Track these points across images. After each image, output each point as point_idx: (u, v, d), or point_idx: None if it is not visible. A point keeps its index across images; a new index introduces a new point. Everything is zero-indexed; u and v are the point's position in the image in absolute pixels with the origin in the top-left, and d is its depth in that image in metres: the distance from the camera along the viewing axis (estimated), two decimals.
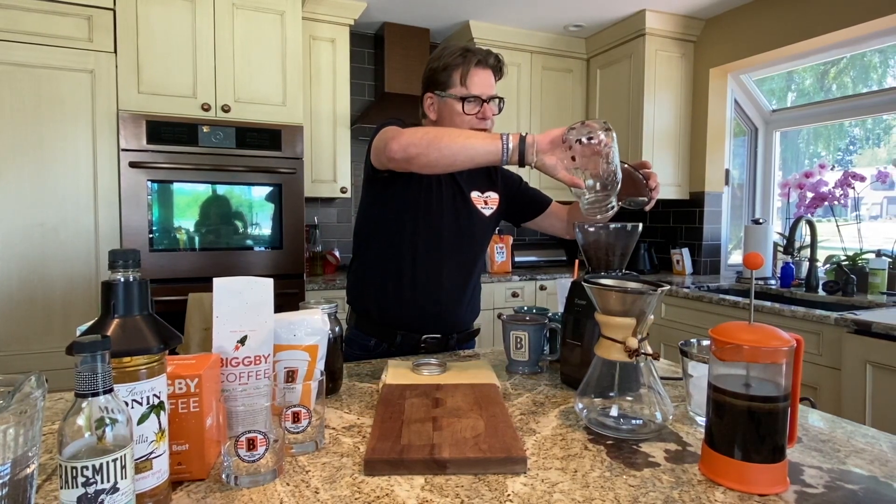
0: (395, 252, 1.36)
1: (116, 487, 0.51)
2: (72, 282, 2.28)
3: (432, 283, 1.36)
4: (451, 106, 1.32)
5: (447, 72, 1.31)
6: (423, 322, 1.38)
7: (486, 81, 1.32)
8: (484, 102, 1.31)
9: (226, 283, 0.78)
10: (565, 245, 3.87)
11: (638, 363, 0.83)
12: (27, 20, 2.17)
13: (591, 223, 1.06)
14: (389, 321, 1.38)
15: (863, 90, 2.84)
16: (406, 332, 1.37)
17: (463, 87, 1.30)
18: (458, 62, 1.30)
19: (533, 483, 0.68)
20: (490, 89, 1.32)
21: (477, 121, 1.31)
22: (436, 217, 1.36)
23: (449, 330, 1.41)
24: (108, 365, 0.51)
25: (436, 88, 1.34)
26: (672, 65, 3.26)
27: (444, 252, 1.37)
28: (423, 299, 1.36)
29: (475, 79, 1.30)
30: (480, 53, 1.31)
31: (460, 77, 1.30)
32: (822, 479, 0.70)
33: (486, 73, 1.32)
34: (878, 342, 1.87)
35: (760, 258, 0.70)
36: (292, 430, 0.75)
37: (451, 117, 1.32)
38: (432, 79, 1.34)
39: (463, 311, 1.44)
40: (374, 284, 1.40)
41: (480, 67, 1.31)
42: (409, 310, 1.37)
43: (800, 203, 2.94)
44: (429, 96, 1.36)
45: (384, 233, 1.37)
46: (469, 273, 1.43)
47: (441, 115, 1.35)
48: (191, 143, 2.39)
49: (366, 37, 3.44)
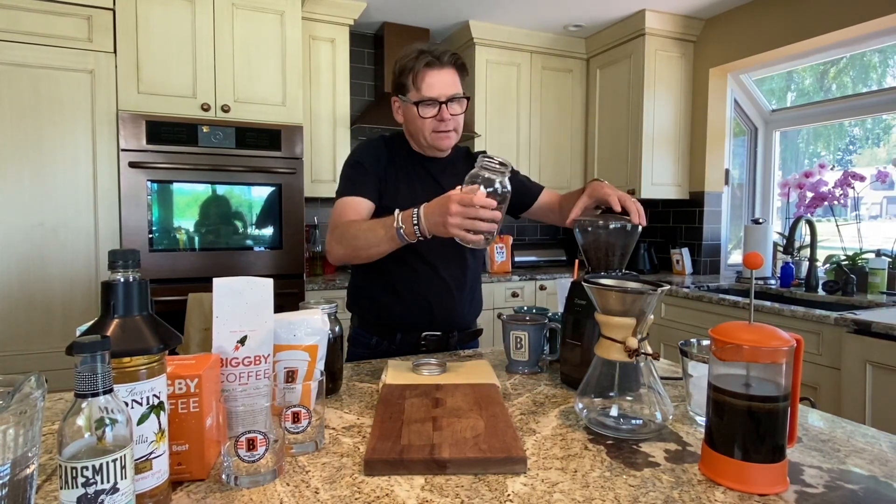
0: (388, 255, 1.37)
1: (116, 488, 0.51)
2: (71, 282, 2.28)
3: (423, 281, 1.36)
4: (410, 110, 1.29)
5: (404, 75, 1.27)
6: (421, 320, 1.38)
7: (442, 81, 1.25)
8: (442, 104, 1.26)
9: (226, 283, 0.78)
10: (565, 245, 3.87)
11: (638, 363, 0.83)
12: (27, 20, 2.17)
13: (588, 224, 1.06)
14: (388, 320, 1.38)
15: (862, 90, 2.84)
16: (405, 330, 1.38)
17: (418, 91, 1.25)
18: (410, 65, 1.25)
19: (533, 483, 0.68)
20: (447, 89, 1.26)
21: (436, 123, 1.27)
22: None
23: (448, 328, 1.40)
24: (107, 365, 0.51)
25: (398, 92, 1.31)
26: (672, 65, 3.26)
27: (433, 250, 1.36)
28: (417, 297, 1.37)
29: (428, 80, 1.24)
30: (433, 53, 1.25)
31: (412, 80, 1.25)
32: (822, 478, 0.70)
33: (440, 73, 1.25)
34: (878, 342, 1.87)
35: (760, 258, 0.70)
36: (292, 430, 0.75)
37: (413, 122, 1.30)
38: (395, 82, 1.30)
39: (461, 309, 1.43)
40: (371, 284, 1.40)
41: (432, 68, 1.24)
42: (406, 309, 1.37)
43: (799, 203, 2.95)
44: (394, 100, 1.34)
45: None
46: (462, 271, 1.42)
47: (405, 119, 1.33)
48: (190, 143, 2.39)
49: (365, 37, 3.44)
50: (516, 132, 3.47)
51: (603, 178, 1.88)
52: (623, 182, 3.32)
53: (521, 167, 3.49)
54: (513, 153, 3.47)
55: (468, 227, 0.99)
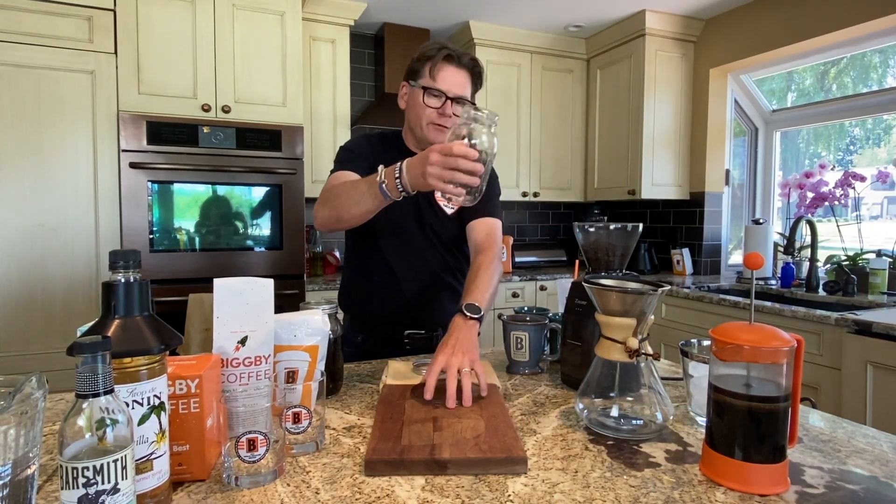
0: (366, 251, 1.40)
1: (117, 488, 0.51)
2: (72, 282, 2.28)
3: (404, 279, 1.38)
4: (415, 96, 1.32)
5: (421, 62, 1.30)
6: (403, 317, 1.40)
7: (455, 79, 1.29)
8: (448, 99, 1.28)
9: (226, 283, 0.78)
10: (565, 245, 3.87)
11: (638, 363, 0.83)
12: (27, 21, 2.17)
13: (590, 223, 1.06)
14: (371, 317, 1.41)
15: (863, 90, 2.84)
16: (388, 327, 1.40)
17: (430, 79, 1.29)
18: (430, 53, 1.29)
19: (533, 483, 0.68)
20: (458, 88, 1.29)
21: (437, 115, 1.29)
22: (399, 215, 1.35)
23: (433, 326, 1.41)
24: (108, 366, 0.51)
25: (410, 78, 1.34)
26: (672, 65, 3.26)
27: (411, 249, 1.38)
28: (396, 295, 1.39)
29: (443, 73, 1.28)
30: (456, 51, 1.29)
31: (429, 68, 1.29)
32: (823, 479, 0.70)
33: (456, 70, 1.29)
34: (879, 342, 1.87)
35: (761, 258, 0.70)
36: (293, 430, 0.75)
37: (415, 108, 1.32)
38: (409, 68, 1.34)
39: (444, 307, 1.41)
40: (354, 282, 1.44)
41: (451, 63, 1.28)
42: (386, 306, 1.39)
43: (800, 203, 2.94)
44: (403, 85, 1.37)
45: (357, 233, 1.39)
46: (442, 268, 1.41)
47: (408, 106, 1.36)
48: (191, 144, 2.39)
49: (366, 37, 3.44)
50: (516, 133, 3.47)
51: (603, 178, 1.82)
52: (623, 182, 3.32)
53: (522, 167, 3.50)
54: (513, 154, 3.47)
55: (447, 178, 0.94)
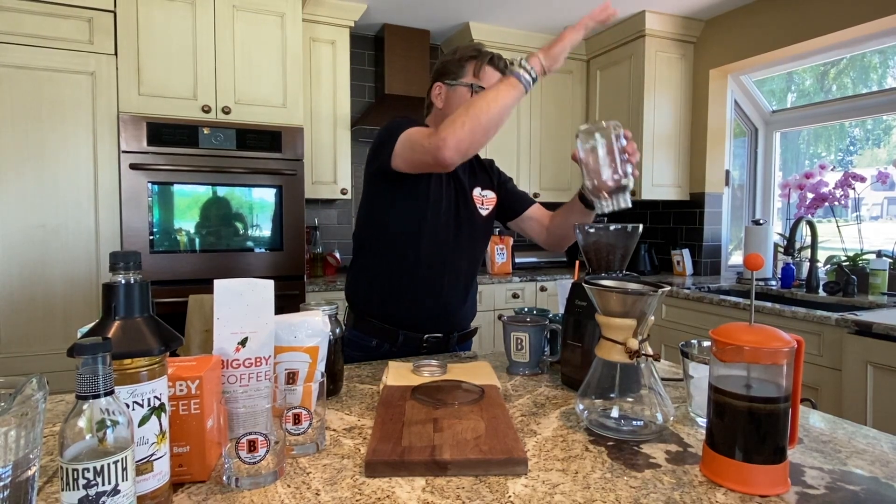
0: (399, 252, 1.37)
1: (117, 489, 0.51)
2: (72, 283, 2.28)
3: (435, 282, 1.37)
4: (460, 94, 1.37)
5: (460, 63, 1.38)
6: (426, 322, 1.38)
7: (496, 79, 1.36)
8: None
9: (226, 284, 0.78)
10: None
11: (638, 364, 0.83)
12: (28, 22, 2.18)
13: (590, 224, 1.06)
14: (392, 321, 1.38)
15: (863, 91, 2.84)
16: (408, 331, 1.37)
17: (475, 78, 1.37)
18: (473, 55, 1.38)
19: (534, 484, 0.68)
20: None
21: None
22: (440, 217, 1.37)
23: (450, 329, 1.41)
24: (108, 367, 0.51)
25: (446, 78, 1.39)
26: (672, 66, 3.26)
27: (447, 252, 1.38)
28: (426, 299, 1.37)
29: (489, 74, 1.37)
30: (494, 55, 1.40)
31: (474, 69, 1.37)
32: (824, 480, 0.70)
33: (494, 72, 1.38)
34: (879, 343, 1.87)
35: (761, 259, 0.70)
36: (293, 431, 0.75)
37: (460, 104, 1.35)
38: (443, 70, 1.40)
39: (464, 311, 1.46)
40: (376, 285, 1.40)
41: (493, 66, 1.38)
42: (412, 310, 1.37)
43: (800, 204, 2.95)
44: (438, 86, 1.41)
45: (388, 233, 1.37)
46: (471, 273, 1.46)
47: (449, 103, 1.40)
48: (191, 145, 2.39)
49: (366, 38, 3.45)
50: (517, 133, 3.47)
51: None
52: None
53: (522, 168, 3.50)
54: (513, 154, 3.47)
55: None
